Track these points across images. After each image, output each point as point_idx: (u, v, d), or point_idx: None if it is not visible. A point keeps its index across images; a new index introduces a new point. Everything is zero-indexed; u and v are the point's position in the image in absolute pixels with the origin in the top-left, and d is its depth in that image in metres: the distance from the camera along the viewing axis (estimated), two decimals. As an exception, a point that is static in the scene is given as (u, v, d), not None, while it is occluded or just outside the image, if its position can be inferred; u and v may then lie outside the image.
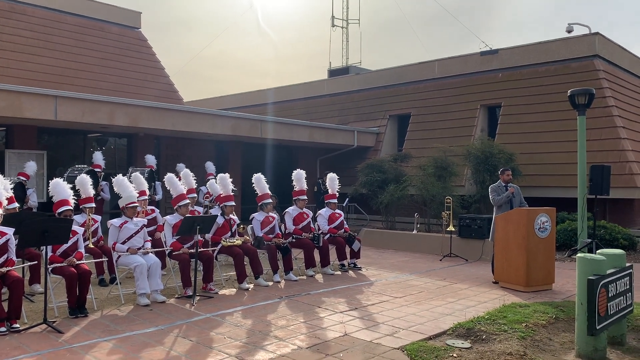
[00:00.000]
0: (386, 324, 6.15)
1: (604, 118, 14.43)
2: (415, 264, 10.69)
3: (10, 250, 6.06)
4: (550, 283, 8.36)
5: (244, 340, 5.50)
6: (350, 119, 20.65)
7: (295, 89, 23.67)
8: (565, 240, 12.07)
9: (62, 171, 11.92)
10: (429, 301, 7.39)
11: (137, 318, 6.31)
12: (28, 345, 5.25)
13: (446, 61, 18.65)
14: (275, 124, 16.39)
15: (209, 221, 7.67)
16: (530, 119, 15.74)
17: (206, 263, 7.65)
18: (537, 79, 16.15)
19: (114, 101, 12.89)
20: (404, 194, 14.30)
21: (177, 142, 16.10)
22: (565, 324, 6.24)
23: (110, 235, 7.26)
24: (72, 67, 16.92)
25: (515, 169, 13.71)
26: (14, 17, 16.50)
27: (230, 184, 8.74)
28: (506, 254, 8.35)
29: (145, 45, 19.98)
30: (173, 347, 5.28)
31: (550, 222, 8.31)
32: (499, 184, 9.01)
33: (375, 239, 13.62)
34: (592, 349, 5.07)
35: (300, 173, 9.63)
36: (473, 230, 11.49)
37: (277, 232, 9.04)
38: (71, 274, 6.22)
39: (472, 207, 14.59)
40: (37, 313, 6.34)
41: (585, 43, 15.61)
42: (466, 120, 17.24)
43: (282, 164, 18.19)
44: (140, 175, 8.93)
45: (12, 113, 11.20)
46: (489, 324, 5.94)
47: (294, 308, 6.89)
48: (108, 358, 4.93)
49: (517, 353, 5.00)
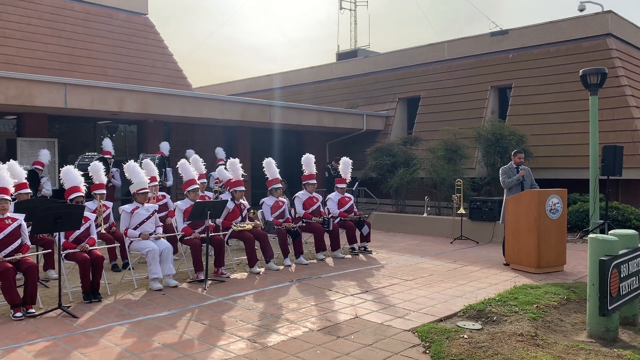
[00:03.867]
0: (397, 307, 6.18)
1: (617, 98, 14.23)
2: (426, 247, 10.69)
3: (23, 235, 6.15)
4: (561, 264, 8.34)
5: (256, 323, 5.55)
6: (359, 102, 20.54)
7: (304, 73, 23.56)
8: (577, 221, 12.00)
9: (73, 159, 12.03)
10: (440, 283, 7.40)
11: (150, 302, 6.38)
12: (44, 330, 5.34)
13: (456, 42, 18.44)
14: (284, 109, 16.36)
15: (219, 206, 7.71)
16: (542, 100, 15.56)
17: (217, 248, 7.71)
18: (549, 59, 15.94)
19: (123, 88, 12.92)
20: (413, 177, 14.25)
21: (186, 128, 16.13)
22: (576, 305, 6.23)
23: (122, 221, 7.32)
24: (81, 55, 16.94)
25: (527, 150, 13.58)
26: (22, 5, 16.51)
27: (240, 169, 8.76)
28: (517, 236, 8.31)
29: (153, 31, 19.93)
30: (186, 330, 5.34)
31: (562, 204, 8.26)
32: (509, 166, 8.94)
33: (385, 223, 13.62)
34: (603, 329, 5.06)
35: (309, 157, 9.62)
36: (484, 213, 11.45)
37: (287, 216, 9.07)
38: (84, 260, 6.29)
39: (482, 189, 14.52)
40: (52, 298, 6.43)
41: (597, 21, 15.35)
42: (476, 102, 17.09)
43: (291, 149, 18.19)
44: (150, 161, 8.99)
45: (23, 101, 11.26)
46: (500, 305, 5.94)
47: (305, 291, 6.93)
48: (122, 342, 5.00)
49: (528, 334, 5.01)
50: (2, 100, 10.98)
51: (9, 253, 5.93)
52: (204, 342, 5.01)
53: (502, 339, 4.92)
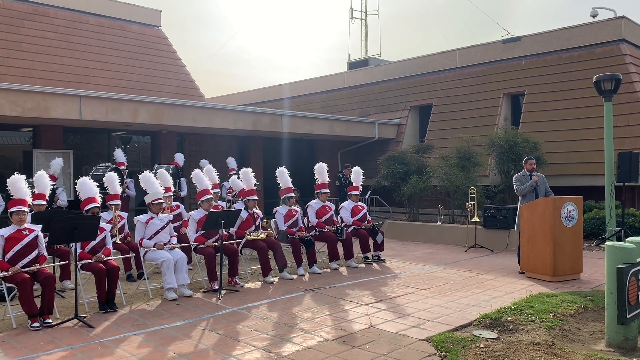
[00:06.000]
0: (412, 316, 6.14)
1: (631, 104, 14.09)
2: (440, 256, 10.63)
3: (40, 246, 6.23)
4: (578, 272, 8.24)
5: (270, 333, 5.55)
6: (371, 111, 20.55)
7: (315, 83, 23.64)
8: (593, 229, 11.86)
9: (87, 170, 12.14)
10: (455, 292, 7.34)
11: (165, 312, 6.41)
12: (61, 340, 5.38)
13: (467, 50, 18.41)
14: (296, 118, 16.42)
15: (233, 216, 7.74)
16: (555, 107, 15.46)
17: (231, 257, 7.73)
18: (561, 66, 15.84)
19: (137, 99, 13.06)
20: (426, 186, 14.19)
21: (199, 138, 16.25)
22: (594, 313, 6.15)
23: (137, 231, 7.38)
24: (95, 67, 17.17)
25: (540, 157, 13.49)
26: (37, 19, 16.80)
27: (253, 179, 8.81)
28: (532, 244, 8.24)
29: (166, 43, 20.16)
30: (201, 340, 5.35)
31: (577, 211, 8.18)
32: (523, 173, 8.89)
33: (399, 231, 13.57)
34: (622, 338, 4.99)
35: (322, 166, 9.64)
36: (498, 221, 11.37)
37: (301, 225, 9.07)
38: (100, 270, 6.34)
39: (496, 197, 14.42)
40: (69, 308, 6.49)
41: (610, 27, 15.25)
42: (489, 109, 17.02)
43: (303, 158, 18.23)
44: (165, 172, 9.07)
45: (39, 114, 11.43)
46: (516, 314, 5.88)
47: (319, 301, 6.92)
48: (138, 351, 5.02)
49: (545, 343, 4.95)
50: (19, 112, 11.15)
51: (26, 264, 6.00)
52: (219, 351, 5.01)
53: (519, 348, 4.87)
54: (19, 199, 6.25)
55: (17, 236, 6.06)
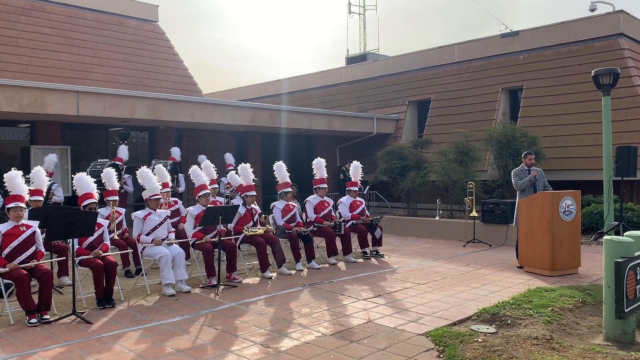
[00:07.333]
0: (410, 311, 6.14)
1: (630, 98, 14.09)
2: (438, 251, 10.64)
3: (37, 242, 6.22)
4: (576, 267, 8.25)
5: (268, 328, 5.55)
6: (369, 106, 20.52)
7: (313, 78, 23.59)
8: (591, 223, 11.88)
9: (85, 165, 12.12)
10: (453, 287, 7.35)
11: (163, 308, 6.40)
12: (59, 336, 5.37)
13: (466, 44, 18.37)
14: (294, 114, 16.39)
15: (231, 211, 7.73)
16: (553, 101, 15.44)
17: (229, 253, 7.73)
18: (560, 60, 15.82)
19: (134, 94, 13.03)
20: (425, 181, 14.19)
21: (197, 133, 16.22)
22: (592, 307, 6.15)
23: (134, 227, 7.37)
24: (92, 62, 17.11)
25: (539, 152, 13.49)
26: (34, 14, 16.72)
27: (251, 174, 8.79)
28: (530, 239, 8.25)
29: (163, 38, 20.08)
30: (199, 335, 5.35)
31: (575, 206, 8.18)
32: (521, 168, 8.88)
33: (397, 226, 13.57)
34: (620, 332, 4.99)
35: (320, 162, 9.62)
36: (496, 215, 11.37)
37: (299, 220, 9.07)
38: (98, 266, 6.33)
39: (495, 192, 14.42)
40: (66, 304, 6.47)
41: (609, 21, 15.22)
42: (487, 104, 17.00)
43: (301, 153, 18.20)
44: (163, 167, 9.05)
45: (36, 109, 11.39)
46: (514, 308, 5.89)
47: (317, 296, 6.92)
48: (136, 347, 5.02)
49: (544, 337, 4.95)
50: (16, 108, 11.12)
51: (23, 260, 5.99)
52: (217, 347, 5.01)
53: (517, 342, 4.87)
54: (16, 194, 6.22)
55: (15, 232, 6.04)
